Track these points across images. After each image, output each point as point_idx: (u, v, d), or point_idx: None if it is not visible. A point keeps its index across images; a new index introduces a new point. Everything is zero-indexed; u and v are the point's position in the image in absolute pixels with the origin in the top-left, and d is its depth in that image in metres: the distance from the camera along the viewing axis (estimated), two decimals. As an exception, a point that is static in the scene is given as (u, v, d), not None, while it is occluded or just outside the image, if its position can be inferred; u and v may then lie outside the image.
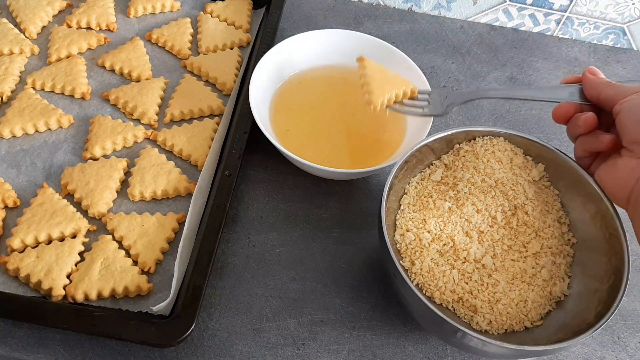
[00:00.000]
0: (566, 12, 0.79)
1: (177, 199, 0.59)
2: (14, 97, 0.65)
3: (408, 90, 0.59)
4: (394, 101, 0.58)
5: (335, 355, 0.51)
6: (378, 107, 0.57)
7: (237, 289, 0.55)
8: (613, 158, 0.46)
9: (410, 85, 0.59)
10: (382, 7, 0.84)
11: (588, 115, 0.47)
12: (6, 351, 0.49)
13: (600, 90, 0.47)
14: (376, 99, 0.56)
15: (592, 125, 0.47)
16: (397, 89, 0.58)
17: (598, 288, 0.48)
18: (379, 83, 0.57)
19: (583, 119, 0.47)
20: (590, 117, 0.46)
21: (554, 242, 0.52)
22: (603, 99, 0.46)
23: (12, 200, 0.57)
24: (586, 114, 0.47)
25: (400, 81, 0.59)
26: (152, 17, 0.76)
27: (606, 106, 0.46)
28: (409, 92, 0.59)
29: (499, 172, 0.53)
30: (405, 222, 0.52)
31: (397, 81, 0.59)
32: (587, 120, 0.46)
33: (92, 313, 0.49)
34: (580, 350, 0.54)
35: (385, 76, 0.58)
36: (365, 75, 0.58)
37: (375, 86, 0.57)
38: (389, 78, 0.59)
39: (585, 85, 0.48)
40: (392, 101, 0.58)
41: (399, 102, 0.59)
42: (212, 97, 0.67)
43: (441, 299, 0.49)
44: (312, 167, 0.56)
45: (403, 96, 0.59)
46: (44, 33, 0.73)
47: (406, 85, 0.59)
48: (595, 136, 0.47)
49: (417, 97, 0.59)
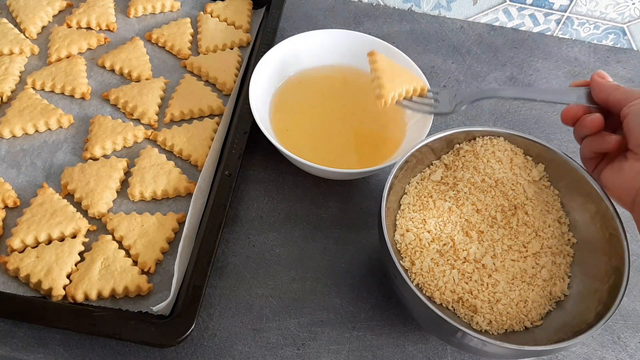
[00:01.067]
0: (566, 12, 0.79)
1: (177, 199, 0.59)
2: (14, 97, 0.65)
3: (418, 87, 0.58)
4: (403, 97, 0.58)
5: (335, 355, 0.51)
6: (389, 102, 0.57)
7: (237, 289, 0.55)
8: (619, 161, 0.46)
9: (420, 82, 0.59)
10: (382, 7, 0.84)
11: (595, 116, 0.47)
12: (6, 351, 0.49)
13: (609, 93, 0.47)
14: (387, 92, 0.56)
15: (598, 126, 0.47)
16: (408, 85, 0.58)
17: (598, 288, 0.48)
18: (390, 77, 0.57)
19: (590, 120, 0.47)
20: (597, 118, 0.47)
21: (554, 242, 0.52)
22: (611, 102, 0.47)
23: (12, 200, 0.57)
24: (593, 115, 0.47)
25: (411, 77, 0.59)
26: (152, 17, 0.76)
27: (614, 109, 0.47)
28: (418, 89, 0.59)
29: (499, 172, 0.53)
30: (405, 222, 0.52)
31: (408, 77, 0.59)
32: (594, 120, 0.47)
33: (92, 313, 0.49)
34: (580, 350, 0.54)
35: (396, 71, 0.58)
36: (377, 70, 0.57)
37: (386, 80, 0.56)
38: (400, 73, 0.58)
39: (593, 89, 0.48)
40: (402, 96, 0.58)
41: (408, 99, 0.58)
42: (212, 97, 0.67)
43: (441, 299, 0.49)
44: (312, 167, 0.56)
45: (413, 93, 0.58)
46: (44, 33, 0.73)
47: (417, 82, 0.59)
48: (602, 137, 0.47)
49: (426, 95, 0.59)
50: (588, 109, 0.49)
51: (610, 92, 0.47)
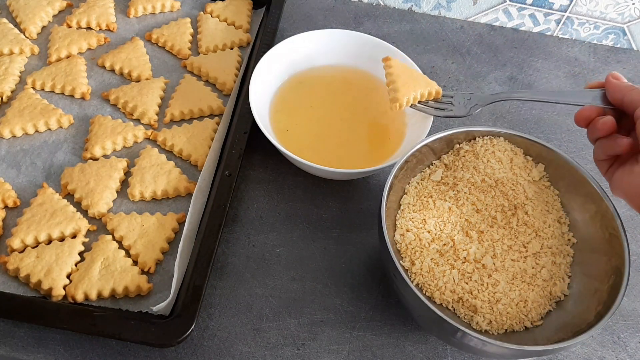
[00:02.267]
0: (566, 12, 0.79)
1: (177, 199, 0.59)
2: (14, 97, 0.65)
3: (433, 90, 0.59)
4: (418, 100, 0.58)
5: (335, 355, 0.51)
6: (404, 105, 0.57)
7: (237, 289, 0.55)
8: (630, 164, 0.45)
9: (435, 86, 0.59)
10: (382, 7, 0.84)
11: (607, 118, 0.46)
12: (6, 351, 0.49)
13: (625, 93, 0.46)
14: (402, 96, 0.57)
15: (610, 128, 0.46)
16: (422, 89, 0.58)
17: (598, 288, 0.48)
18: (405, 81, 0.58)
19: (601, 122, 0.46)
20: (609, 121, 0.46)
21: (554, 242, 0.52)
22: (627, 102, 0.46)
23: (12, 200, 0.57)
24: (605, 118, 0.47)
25: (426, 81, 0.59)
26: (152, 17, 0.76)
27: (629, 109, 0.46)
28: (433, 93, 0.59)
29: (499, 172, 0.53)
30: (405, 222, 0.52)
31: (423, 81, 0.59)
32: (606, 123, 0.46)
33: (92, 313, 0.49)
34: (580, 350, 0.54)
35: (411, 75, 0.59)
36: (392, 74, 0.58)
37: (401, 84, 0.57)
38: (415, 77, 0.59)
39: (608, 89, 0.48)
40: (416, 100, 0.58)
41: (423, 102, 0.59)
42: (212, 97, 0.67)
43: (441, 299, 0.49)
44: (312, 167, 0.56)
45: (428, 97, 0.59)
46: (44, 33, 0.73)
47: (431, 85, 0.59)
48: (614, 139, 0.46)
49: (441, 98, 0.59)
50: (602, 110, 0.48)
51: (626, 92, 0.46)
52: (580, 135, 0.71)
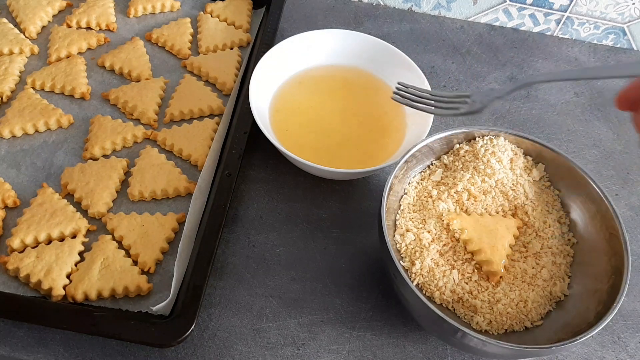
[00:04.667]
0: (566, 12, 0.79)
1: (177, 199, 0.59)
2: (14, 97, 0.65)
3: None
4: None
5: (335, 355, 0.51)
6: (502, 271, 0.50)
7: (237, 289, 0.55)
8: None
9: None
10: (382, 7, 0.84)
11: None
12: (6, 351, 0.49)
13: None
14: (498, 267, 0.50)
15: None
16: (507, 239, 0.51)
17: (598, 288, 0.48)
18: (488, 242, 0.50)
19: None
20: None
21: (554, 242, 0.52)
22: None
23: (12, 200, 0.57)
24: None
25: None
26: (152, 17, 0.76)
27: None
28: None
29: (499, 172, 0.53)
30: (405, 222, 0.52)
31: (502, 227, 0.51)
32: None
33: (92, 313, 0.49)
34: (580, 350, 0.54)
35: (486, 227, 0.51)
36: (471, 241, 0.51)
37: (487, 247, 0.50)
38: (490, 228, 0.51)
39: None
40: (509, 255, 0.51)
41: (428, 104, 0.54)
42: (212, 97, 0.67)
43: (441, 299, 0.49)
44: (312, 167, 0.56)
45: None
46: (44, 33, 0.73)
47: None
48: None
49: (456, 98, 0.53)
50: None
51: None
52: (580, 135, 0.71)
